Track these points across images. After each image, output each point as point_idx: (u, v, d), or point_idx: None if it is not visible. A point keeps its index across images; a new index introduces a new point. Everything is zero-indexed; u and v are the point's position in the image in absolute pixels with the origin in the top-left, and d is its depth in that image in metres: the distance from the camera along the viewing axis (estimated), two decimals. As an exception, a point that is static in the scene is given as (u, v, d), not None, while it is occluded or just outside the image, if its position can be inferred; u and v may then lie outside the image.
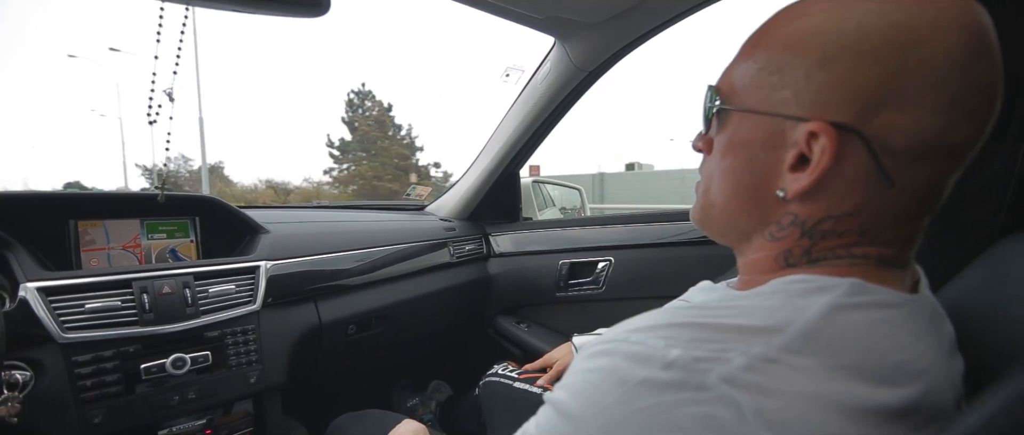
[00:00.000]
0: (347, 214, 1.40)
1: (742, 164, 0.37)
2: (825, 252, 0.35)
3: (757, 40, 0.37)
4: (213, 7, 0.53)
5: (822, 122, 0.32)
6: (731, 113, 0.38)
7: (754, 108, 0.36)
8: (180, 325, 0.81)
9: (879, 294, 0.33)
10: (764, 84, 0.35)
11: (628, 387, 0.30)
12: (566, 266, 1.36)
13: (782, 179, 0.35)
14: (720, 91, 0.39)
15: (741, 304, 0.34)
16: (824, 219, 0.34)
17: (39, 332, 0.70)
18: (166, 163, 0.80)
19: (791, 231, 0.36)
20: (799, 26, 0.34)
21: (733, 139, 0.38)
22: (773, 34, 0.36)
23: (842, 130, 0.32)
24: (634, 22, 1.02)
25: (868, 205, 0.33)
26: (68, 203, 0.86)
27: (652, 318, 0.34)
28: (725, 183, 0.39)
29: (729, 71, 0.39)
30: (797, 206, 0.35)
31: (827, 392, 0.29)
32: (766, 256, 0.38)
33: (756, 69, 0.36)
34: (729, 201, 0.39)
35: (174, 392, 0.81)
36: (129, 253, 0.90)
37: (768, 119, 0.35)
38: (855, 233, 0.34)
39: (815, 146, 0.32)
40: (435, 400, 1.53)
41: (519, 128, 1.34)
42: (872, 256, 0.35)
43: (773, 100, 0.35)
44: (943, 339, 0.37)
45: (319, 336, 1.05)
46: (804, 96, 0.33)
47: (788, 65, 0.34)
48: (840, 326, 0.31)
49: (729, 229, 0.41)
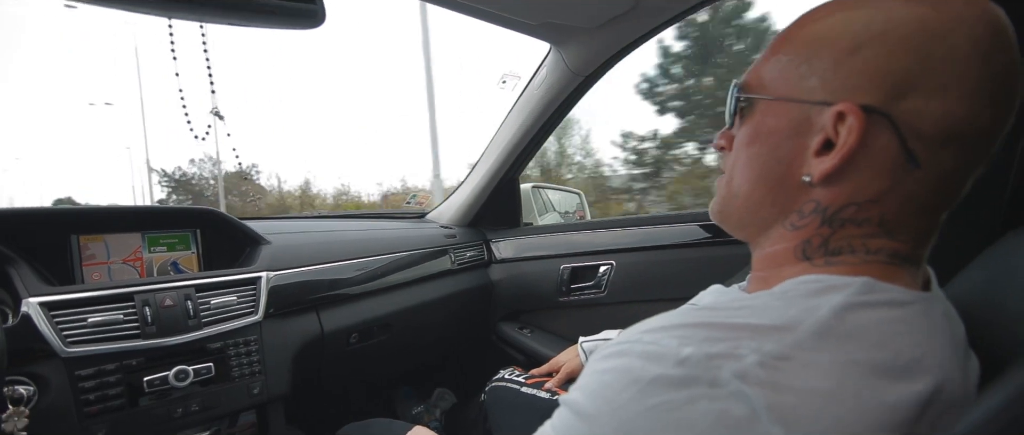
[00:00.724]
0: (348, 223, 1.41)
1: (767, 151, 0.38)
2: (842, 244, 0.36)
3: (784, 38, 0.39)
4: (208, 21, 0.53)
5: (850, 103, 0.33)
6: (756, 105, 0.39)
7: (780, 96, 0.37)
8: (182, 337, 0.81)
9: (890, 292, 0.33)
10: (792, 75, 0.37)
11: (642, 385, 0.30)
12: (568, 270, 1.36)
13: (807, 164, 0.36)
14: (748, 85, 0.40)
15: (752, 304, 0.34)
16: (846, 206, 0.35)
17: (42, 347, 0.70)
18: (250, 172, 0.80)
19: (812, 219, 0.37)
20: (827, 22, 0.36)
21: (759, 128, 0.39)
22: (800, 31, 0.37)
23: (869, 112, 0.33)
24: (628, 27, 1.02)
25: (892, 192, 0.34)
26: (69, 218, 0.87)
27: (665, 319, 0.34)
28: (749, 171, 0.40)
29: (756, 68, 0.40)
30: (821, 192, 0.36)
31: (841, 388, 0.29)
32: (784, 248, 0.39)
33: (784, 62, 0.37)
34: (753, 189, 0.40)
35: (177, 405, 0.81)
36: (130, 267, 0.91)
37: (795, 106, 0.36)
38: (875, 223, 0.35)
39: (842, 129, 0.33)
40: (440, 408, 1.52)
41: (517, 134, 1.35)
42: (886, 251, 0.35)
43: (801, 88, 0.36)
44: (957, 337, 0.37)
45: (321, 346, 1.05)
46: (832, 83, 0.34)
47: (816, 55, 0.35)
48: (852, 323, 0.31)
49: (750, 219, 0.42)
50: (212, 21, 0.54)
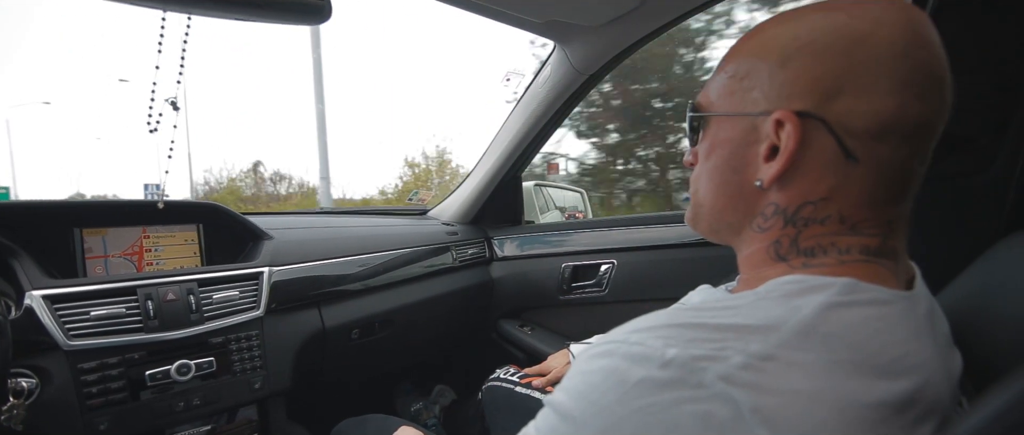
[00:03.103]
0: (350, 219, 1.41)
1: (723, 162, 0.41)
2: (812, 243, 0.37)
3: (727, 56, 0.42)
4: (214, 16, 0.53)
5: (785, 111, 0.35)
6: (710, 121, 0.43)
7: (728, 111, 0.40)
8: (184, 332, 0.81)
9: (873, 292, 0.33)
10: (736, 89, 0.40)
11: (627, 387, 0.31)
12: (569, 269, 1.36)
13: (759, 170, 0.38)
14: (699, 105, 0.44)
15: (737, 304, 0.35)
16: (802, 205, 0.37)
17: (45, 340, 0.70)
18: (167, 171, 0.81)
19: (775, 221, 0.38)
20: (760, 37, 0.39)
21: (714, 141, 0.42)
22: (739, 47, 0.41)
23: (803, 116, 0.35)
24: (633, 25, 1.02)
25: (841, 188, 0.36)
26: (73, 212, 0.87)
27: (651, 320, 0.35)
28: (710, 182, 0.43)
29: (706, 87, 0.44)
30: (776, 194, 0.38)
31: (825, 388, 0.29)
32: (759, 249, 0.40)
33: (727, 78, 0.41)
34: (716, 198, 0.43)
35: (179, 398, 0.82)
36: (126, 260, 0.91)
37: (743, 118, 0.39)
38: (835, 220, 0.36)
39: (783, 134, 0.36)
40: (439, 404, 1.53)
41: (520, 132, 1.35)
42: (857, 248, 0.36)
43: (746, 101, 0.39)
44: (939, 335, 0.37)
45: (323, 341, 1.05)
46: (770, 93, 0.37)
47: (754, 69, 0.38)
48: (835, 323, 0.31)
49: (719, 225, 0.44)
50: (220, 16, 0.54)
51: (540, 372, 0.94)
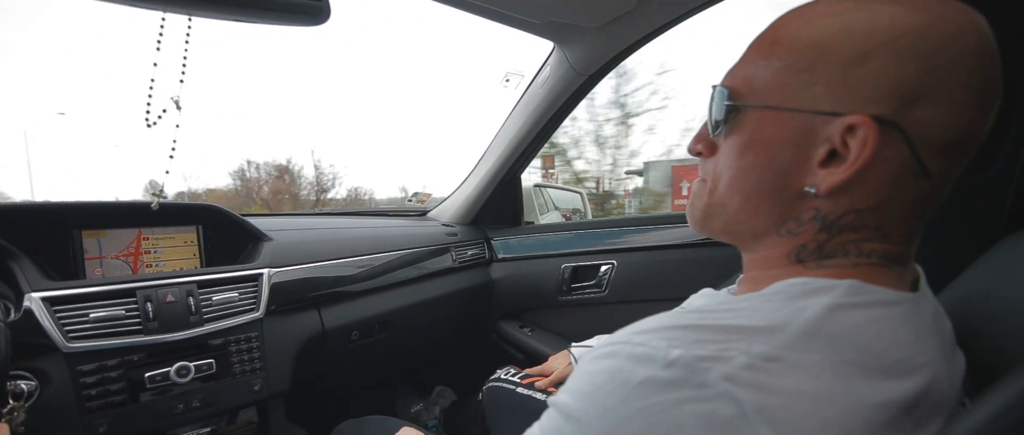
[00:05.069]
0: (349, 221, 1.41)
1: (764, 162, 0.37)
2: (836, 248, 0.36)
3: (772, 41, 0.37)
4: (212, 17, 0.53)
5: (863, 116, 0.32)
6: (748, 112, 0.37)
7: (780, 105, 0.35)
8: (184, 333, 0.81)
9: (878, 293, 0.33)
10: (792, 82, 0.35)
11: (631, 388, 0.31)
12: (569, 270, 1.36)
13: (810, 175, 0.35)
14: (737, 92, 0.38)
15: (741, 306, 0.34)
16: (846, 213, 0.35)
17: (44, 342, 0.70)
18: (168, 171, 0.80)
19: (810, 226, 0.36)
20: (826, 25, 0.34)
21: (754, 137, 0.37)
22: (794, 33, 0.35)
23: (881, 123, 0.32)
24: (632, 26, 1.02)
25: (893, 199, 0.34)
26: (71, 213, 0.87)
27: (655, 321, 0.34)
28: (743, 182, 0.38)
29: (740, 71, 0.38)
30: (823, 201, 0.35)
31: (830, 388, 0.29)
32: (777, 253, 0.38)
33: (779, 67, 0.35)
34: (746, 200, 0.38)
35: (178, 400, 0.81)
36: (122, 262, 0.91)
37: (797, 116, 0.35)
38: (872, 228, 0.34)
39: (851, 141, 0.32)
40: (439, 405, 1.53)
41: (520, 133, 1.35)
42: (878, 253, 0.35)
43: (803, 97, 0.34)
44: (944, 336, 0.37)
45: (322, 343, 1.05)
46: (840, 92, 0.33)
47: (819, 62, 0.33)
48: (840, 324, 0.31)
49: (740, 229, 0.41)
50: (219, 17, 0.54)
51: (542, 373, 0.94)
